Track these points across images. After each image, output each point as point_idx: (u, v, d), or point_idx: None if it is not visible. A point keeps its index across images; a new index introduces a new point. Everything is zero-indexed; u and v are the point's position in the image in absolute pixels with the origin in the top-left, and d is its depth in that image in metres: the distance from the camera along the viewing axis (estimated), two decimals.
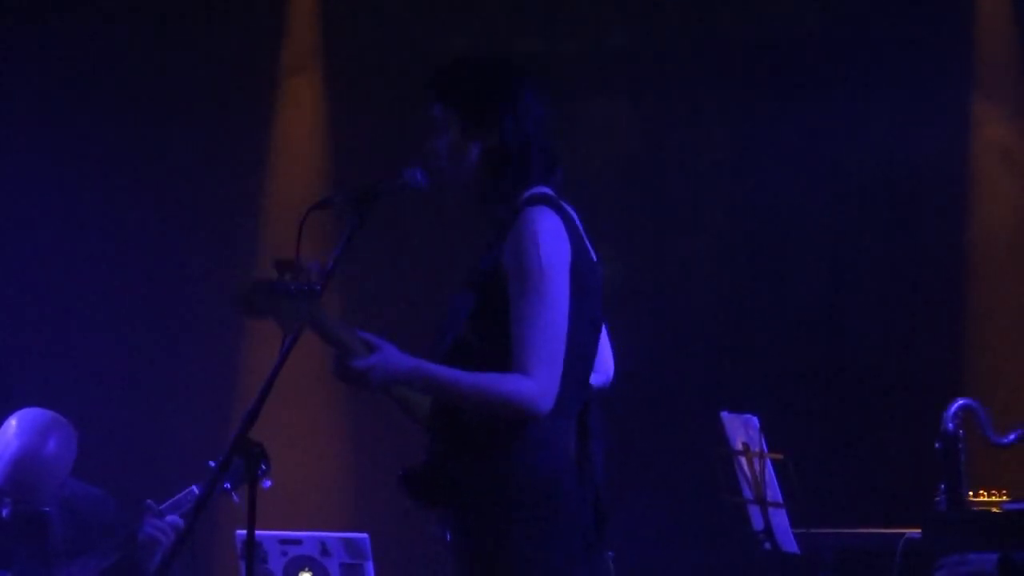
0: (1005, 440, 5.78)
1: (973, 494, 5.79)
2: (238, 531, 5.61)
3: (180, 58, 8.09)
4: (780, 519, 6.05)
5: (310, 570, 5.69)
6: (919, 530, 5.87)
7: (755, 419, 6.07)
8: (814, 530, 6.15)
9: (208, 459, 4.90)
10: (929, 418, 5.93)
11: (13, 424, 5.30)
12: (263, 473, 3.59)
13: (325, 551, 5.70)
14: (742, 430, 6.06)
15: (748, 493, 6.06)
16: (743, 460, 6.05)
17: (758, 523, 6.05)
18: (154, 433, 7.85)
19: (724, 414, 6.08)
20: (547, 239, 3.62)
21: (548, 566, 3.59)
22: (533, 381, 3.53)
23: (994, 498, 5.80)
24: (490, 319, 3.61)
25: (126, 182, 8.00)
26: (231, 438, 3.47)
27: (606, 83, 8.13)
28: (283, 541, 5.74)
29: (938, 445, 5.73)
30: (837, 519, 6.48)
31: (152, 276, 8.10)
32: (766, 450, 6.05)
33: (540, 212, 3.66)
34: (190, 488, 5.09)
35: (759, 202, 7.89)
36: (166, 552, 5.00)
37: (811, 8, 8.01)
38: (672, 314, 7.97)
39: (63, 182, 7.89)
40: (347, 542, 5.73)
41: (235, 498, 4.89)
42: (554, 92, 4.12)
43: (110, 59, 8.02)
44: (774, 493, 6.04)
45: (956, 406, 5.78)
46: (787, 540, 6.05)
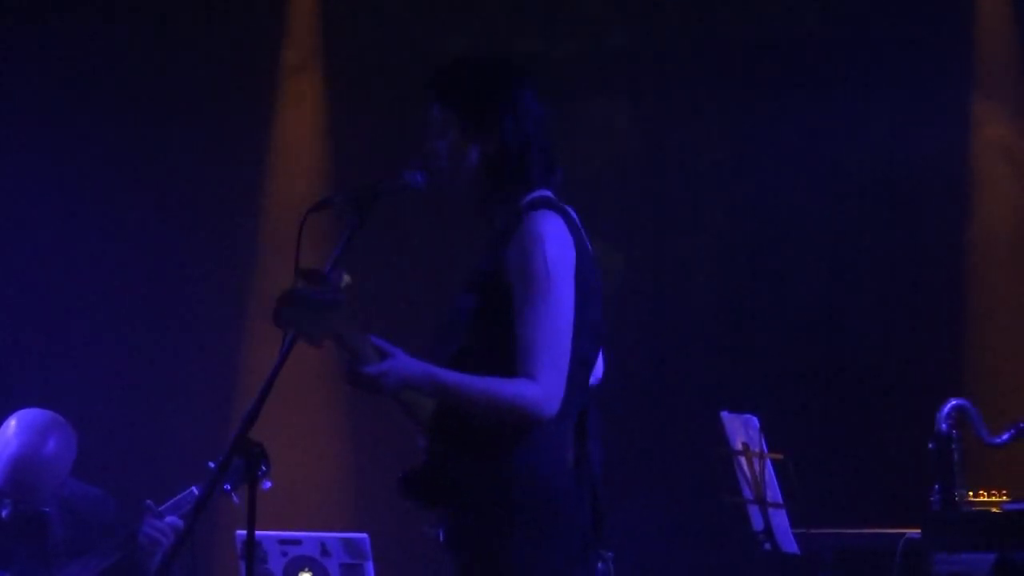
0: (998, 440, 5.78)
1: (973, 494, 5.79)
2: (238, 531, 5.60)
3: (180, 58, 8.09)
4: (780, 519, 6.05)
5: (310, 570, 5.69)
6: (919, 530, 5.87)
7: (755, 419, 6.07)
8: (814, 530, 6.15)
9: (208, 459, 4.91)
10: (929, 418, 5.93)
11: (12, 425, 5.30)
12: (263, 474, 3.59)
13: (325, 551, 5.70)
14: (742, 430, 6.06)
15: (748, 493, 6.06)
16: (743, 460, 6.05)
17: (758, 523, 6.05)
18: (154, 433, 7.85)
19: (724, 414, 6.08)
20: (552, 243, 3.62)
21: (547, 567, 3.59)
22: (540, 386, 3.54)
23: (994, 498, 5.79)
24: (492, 323, 3.61)
25: (126, 182, 8.00)
26: (231, 438, 3.46)
27: (606, 83, 8.13)
28: (283, 541, 5.74)
29: (931, 445, 5.73)
30: (837, 519, 6.47)
31: (152, 276, 8.10)
32: (766, 450, 6.05)
33: (544, 216, 3.66)
34: (190, 489, 5.09)
35: (759, 202, 7.89)
36: (166, 553, 5.00)
37: (811, 8, 8.01)
38: (672, 314, 7.97)
39: (63, 182, 7.89)
40: (347, 542, 5.73)
41: (235, 499, 4.88)
42: (554, 92, 4.12)
43: (110, 59, 8.02)
44: (774, 493, 6.04)
45: (949, 406, 5.78)
46: (787, 540, 6.05)
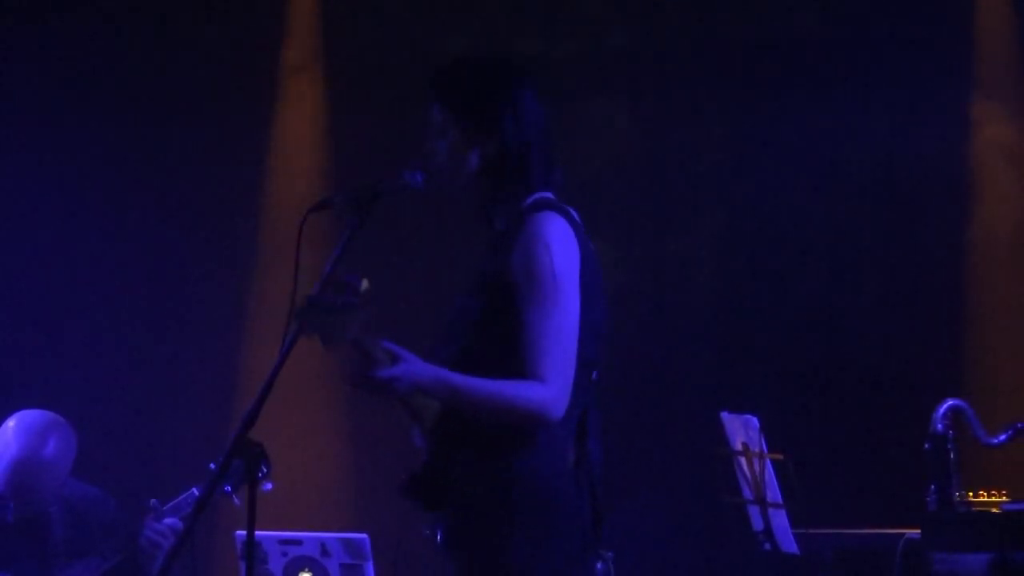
0: (995, 441, 5.77)
1: (972, 494, 5.78)
2: (238, 532, 5.60)
3: (180, 58, 8.09)
4: (780, 519, 6.04)
5: (310, 570, 5.69)
6: (919, 530, 5.86)
7: (755, 419, 6.07)
8: (814, 530, 6.14)
9: (208, 459, 4.90)
10: (929, 418, 5.93)
11: (12, 426, 5.29)
12: (264, 475, 3.58)
13: (325, 552, 5.70)
14: (742, 430, 6.05)
15: (748, 493, 6.06)
16: (743, 460, 6.05)
17: (758, 523, 6.05)
18: (154, 433, 7.85)
19: (724, 414, 6.07)
20: (558, 245, 3.62)
21: (548, 568, 3.59)
22: (548, 388, 3.55)
23: (994, 498, 5.79)
24: (496, 324, 3.62)
25: (126, 182, 8.00)
26: (231, 439, 3.46)
27: (606, 83, 8.13)
28: (283, 542, 5.74)
29: (927, 446, 5.72)
30: (837, 519, 6.47)
31: (152, 276, 8.10)
32: (766, 450, 6.05)
33: (549, 217, 3.66)
34: (191, 490, 5.09)
35: (759, 202, 7.89)
36: (167, 555, 5.00)
37: (811, 8, 8.01)
38: (672, 314, 7.97)
39: (63, 182, 7.89)
40: (347, 542, 5.73)
41: (236, 501, 4.88)
42: (554, 92, 4.12)
43: (110, 59, 8.02)
44: (774, 493, 6.04)
45: (945, 407, 5.77)
46: (787, 540, 6.05)
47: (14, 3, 8.06)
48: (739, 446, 6.05)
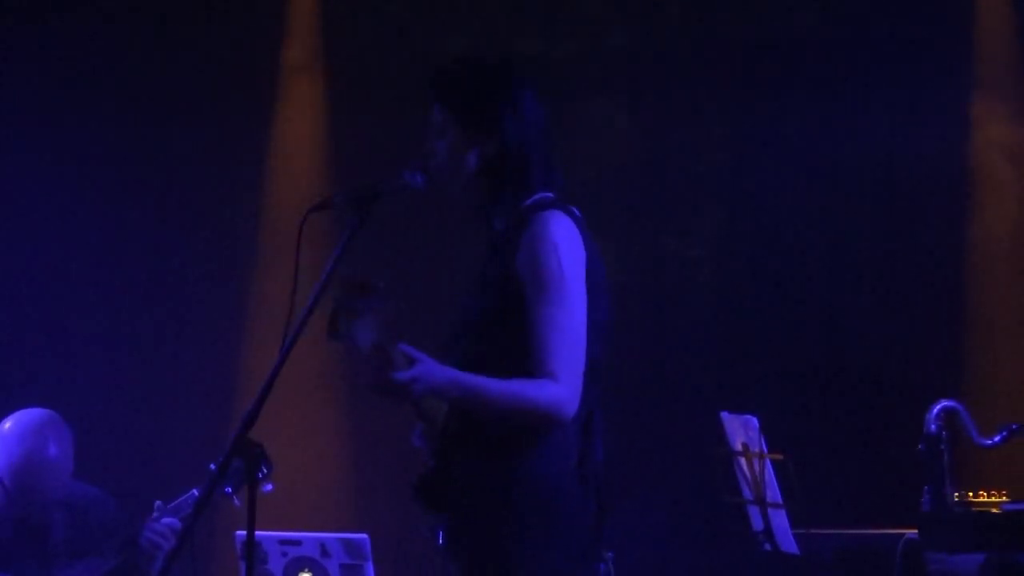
0: (989, 442, 5.75)
1: (973, 495, 5.77)
2: (238, 532, 5.60)
3: (180, 58, 8.09)
4: (780, 520, 6.04)
5: (310, 571, 5.69)
6: (919, 530, 5.86)
7: (755, 420, 6.07)
8: (814, 531, 6.14)
9: (208, 460, 4.90)
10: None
11: (11, 427, 5.29)
12: (264, 476, 3.58)
13: (325, 552, 5.70)
14: (742, 431, 6.05)
15: (748, 494, 6.06)
16: (743, 461, 6.05)
17: (758, 524, 6.04)
18: (154, 433, 7.85)
19: (724, 414, 6.07)
20: (564, 244, 3.63)
21: (553, 568, 3.60)
22: (561, 387, 3.55)
23: (994, 498, 5.78)
24: (503, 325, 3.62)
25: (126, 182, 8.00)
26: (231, 439, 3.46)
27: (606, 83, 8.13)
28: (283, 542, 5.73)
29: (921, 447, 5.71)
30: (837, 519, 6.47)
31: (152, 276, 8.10)
32: (766, 450, 6.05)
33: (554, 217, 3.67)
34: (191, 491, 5.09)
35: (759, 202, 7.89)
36: (167, 555, 5.00)
37: (811, 8, 8.01)
38: (672, 314, 7.97)
39: (63, 182, 7.89)
40: (347, 543, 5.73)
41: (236, 502, 4.88)
42: (554, 92, 4.12)
43: (110, 59, 8.02)
44: (774, 494, 6.04)
45: (938, 408, 5.76)
46: (787, 541, 6.04)
47: (14, 3, 8.06)
48: (739, 446, 6.05)
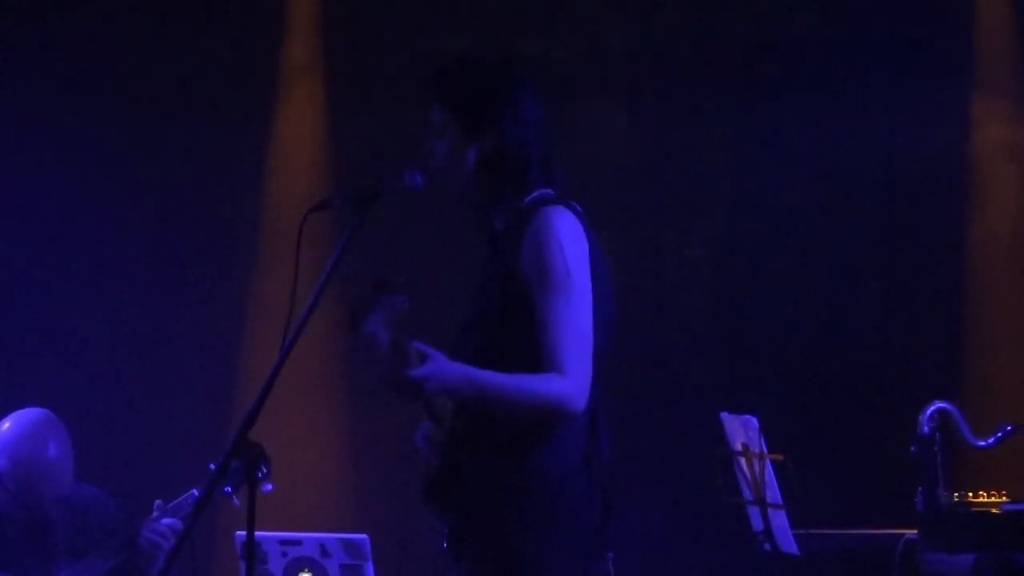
0: (983, 443, 5.74)
1: (972, 495, 5.77)
2: (238, 532, 5.60)
3: (180, 58, 8.08)
4: (780, 520, 6.04)
5: (310, 571, 5.69)
6: (917, 531, 5.86)
7: (754, 420, 6.06)
8: (814, 531, 6.14)
9: (208, 460, 4.90)
10: None
11: (9, 427, 5.28)
12: (263, 476, 3.58)
13: (325, 552, 5.70)
14: (742, 431, 6.05)
15: (748, 494, 6.05)
16: (743, 461, 6.04)
17: (758, 524, 6.04)
18: (154, 433, 7.85)
19: (724, 415, 6.07)
20: (568, 238, 3.64)
21: (561, 565, 3.61)
22: (570, 380, 3.56)
23: (994, 498, 5.78)
24: (511, 322, 3.63)
25: (126, 182, 8.00)
26: (231, 439, 3.46)
27: (606, 83, 8.13)
28: (283, 542, 5.73)
29: (914, 448, 5.70)
30: (837, 520, 6.47)
31: (152, 276, 8.10)
32: (766, 451, 6.05)
33: (557, 211, 3.68)
34: (191, 491, 5.09)
35: (759, 202, 7.89)
36: (167, 555, 5.00)
37: (811, 8, 8.00)
38: (672, 314, 7.96)
39: (63, 182, 7.89)
40: (347, 543, 5.73)
41: (236, 502, 4.88)
42: (554, 92, 4.12)
43: (110, 59, 8.01)
44: (774, 494, 6.03)
45: (932, 409, 5.75)
46: (787, 541, 6.04)
47: (14, 3, 8.06)
48: (739, 446, 6.05)
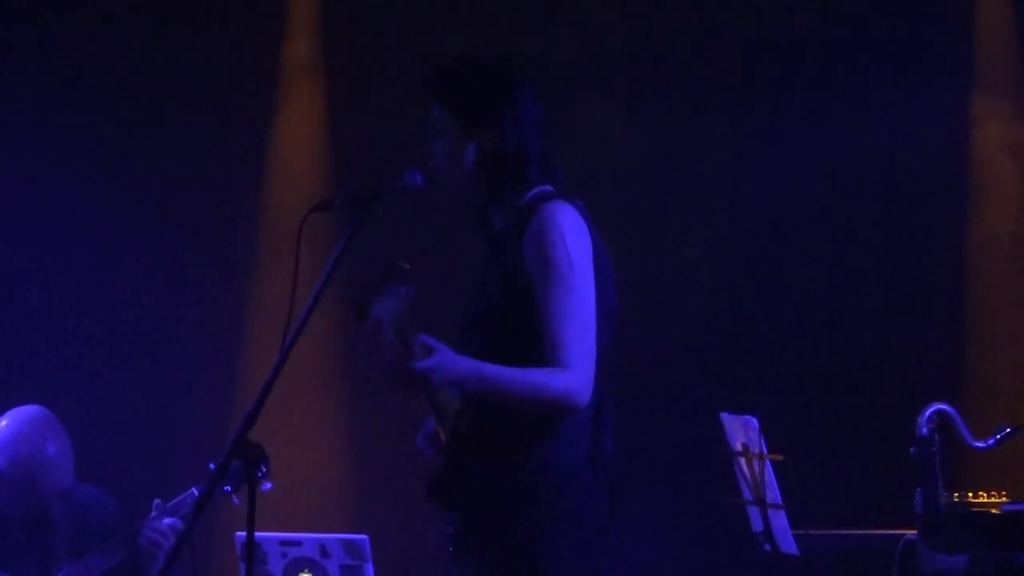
0: (983, 444, 5.74)
1: (972, 495, 5.77)
2: (238, 532, 5.60)
3: (180, 58, 8.08)
4: (780, 520, 6.04)
5: (310, 571, 5.69)
6: (916, 531, 5.85)
7: (754, 420, 6.06)
8: (813, 531, 6.14)
9: (208, 459, 4.90)
10: None
11: (7, 426, 5.28)
12: (263, 475, 3.58)
13: (325, 552, 5.70)
14: (741, 431, 6.05)
15: (748, 494, 6.06)
16: (743, 461, 6.05)
17: (757, 524, 6.04)
18: (154, 433, 7.85)
19: (723, 415, 6.07)
20: (570, 233, 3.66)
21: (567, 561, 3.61)
22: (574, 374, 3.57)
23: (993, 499, 5.78)
24: (514, 317, 3.64)
25: (126, 182, 8.00)
26: (231, 439, 3.47)
27: (606, 83, 8.12)
28: (283, 542, 5.73)
29: (912, 450, 5.70)
30: (837, 520, 6.47)
31: (152, 276, 8.10)
32: (766, 451, 6.05)
33: (559, 207, 3.69)
34: (190, 490, 5.09)
35: (759, 202, 7.89)
36: (167, 554, 5.00)
37: (811, 8, 8.00)
38: (672, 314, 7.96)
39: (63, 182, 7.89)
40: (347, 543, 5.73)
41: (235, 500, 4.89)
42: (553, 92, 4.12)
43: (110, 59, 8.01)
44: (774, 494, 6.04)
45: (931, 411, 5.75)
46: (786, 541, 6.04)
47: (14, 3, 8.06)
48: (739, 447, 6.05)
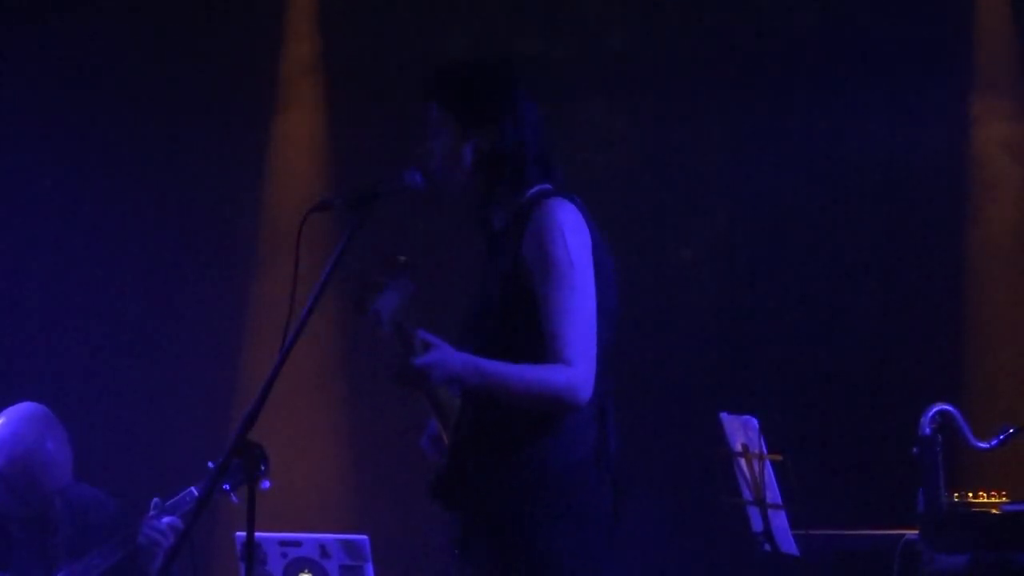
0: (985, 445, 5.74)
1: (972, 495, 5.77)
2: (238, 533, 5.60)
3: (180, 58, 8.08)
4: (780, 520, 6.04)
5: (310, 572, 5.69)
6: (918, 531, 5.86)
7: (754, 420, 6.06)
8: (813, 531, 6.14)
9: (208, 459, 4.91)
10: None
11: (4, 423, 5.29)
12: (262, 473, 3.59)
13: (325, 553, 5.70)
14: (741, 431, 6.05)
15: (747, 494, 6.06)
16: (742, 461, 6.04)
17: (757, 525, 6.04)
18: (154, 433, 7.85)
19: (723, 415, 6.07)
20: (570, 230, 3.67)
21: (572, 559, 3.62)
22: (575, 370, 3.58)
23: (993, 499, 5.78)
24: (515, 315, 3.65)
25: (126, 182, 8.00)
26: (231, 439, 3.47)
27: (605, 83, 8.12)
28: (283, 543, 5.73)
29: (915, 450, 5.71)
30: (837, 520, 6.47)
31: (152, 276, 8.10)
32: (765, 451, 6.04)
33: (558, 204, 3.71)
34: (189, 489, 5.10)
35: (759, 202, 7.88)
36: (166, 554, 5.00)
37: (811, 8, 8.00)
38: (672, 314, 7.96)
39: (63, 182, 7.89)
40: (347, 544, 5.73)
41: (234, 499, 4.89)
42: (553, 92, 4.12)
43: (110, 59, 8.02)
44: (773, 495, 6.03)
45: (933, 411, 5.75)
46: (786, 542, 6.04)
47: (14, 3, 8.06)
48: (739, 447, 6.05)
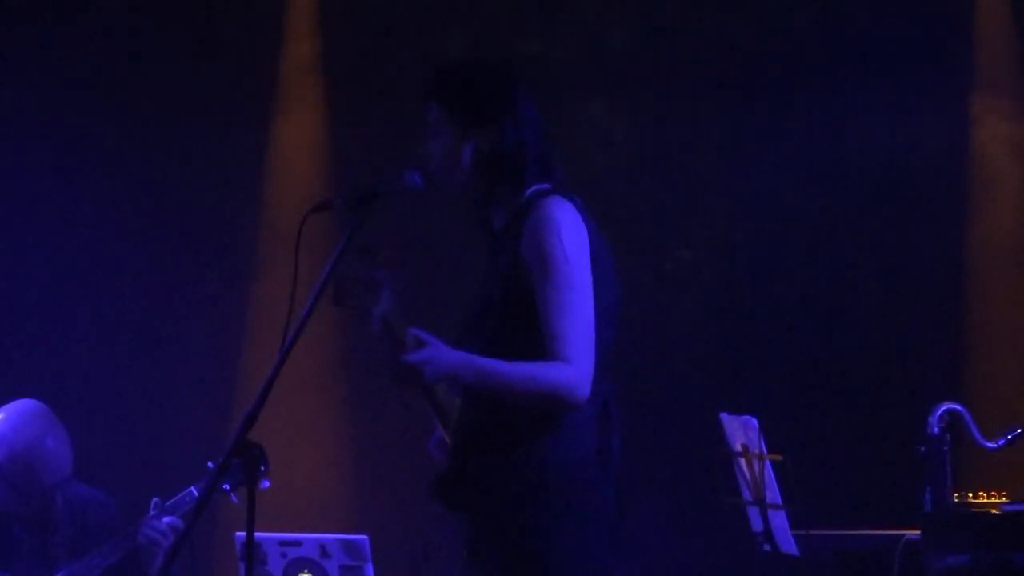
0: (993, 444, 5.75)
1: (973, 495, 5.78)
2: (237, 533, 5.60)
3: (180, 58, 8.08)
4: (779, 521, 6.04)
5: (310, 572, 5.69)
6: (918, 531, 5.86)
7: (754, 420, 6.06)
8: (813, 531, 6.14)
9: (208, 459, 4.91)
10: (927, 419, 5.92)
11: (4, 420, 5.29)
12: (261, 473, 3.59)
13: (325, 553, 5.70)
14: (741, 431, 6.05)
15: (747, 495, 6.06)
16: (742, 461, 6.05)
17: (757, 525, 6.05)
18: (154, 433, 7.85)
19: (723, 415, 6.07)
20: (567, 228, 3.67)
21: (575, 559, 3.62)
22: (573, 368, 3.58)
23: (994, 499, 5.78)
24: (513, 314, 3.65)
25: (126, 182, 8.00)
26: (231, 439, 3.47)
27: (605, 83, 8.12)
28: (283, 543, 5.73)
29: (922, 449, 5.71)
30: (837, 520, 6.47)
31: (152, 276, 8.10)
32: (765, 451, 6.05)
33: (556, 202, 3.71)
34: (188, 489, 5.10)
35: (759, 202, 7.88)
36: (166, 553, 5.00)
37: (811, 8, 8.00)
38: (672, 315, 7.96)
39: (63, 182, 7.89)
40: (347, 544, 5.73)
41: (234, 499, 4.89)
42: (553, 93, 4.13)
43: (110, 59, 8.01)
44: (773, 495, 6.04)
45: (941, 410, 5.76)
46: (786, 542, 6.04)
47: (14, 3, 8.06)
48: (739, 447, 6.05)
